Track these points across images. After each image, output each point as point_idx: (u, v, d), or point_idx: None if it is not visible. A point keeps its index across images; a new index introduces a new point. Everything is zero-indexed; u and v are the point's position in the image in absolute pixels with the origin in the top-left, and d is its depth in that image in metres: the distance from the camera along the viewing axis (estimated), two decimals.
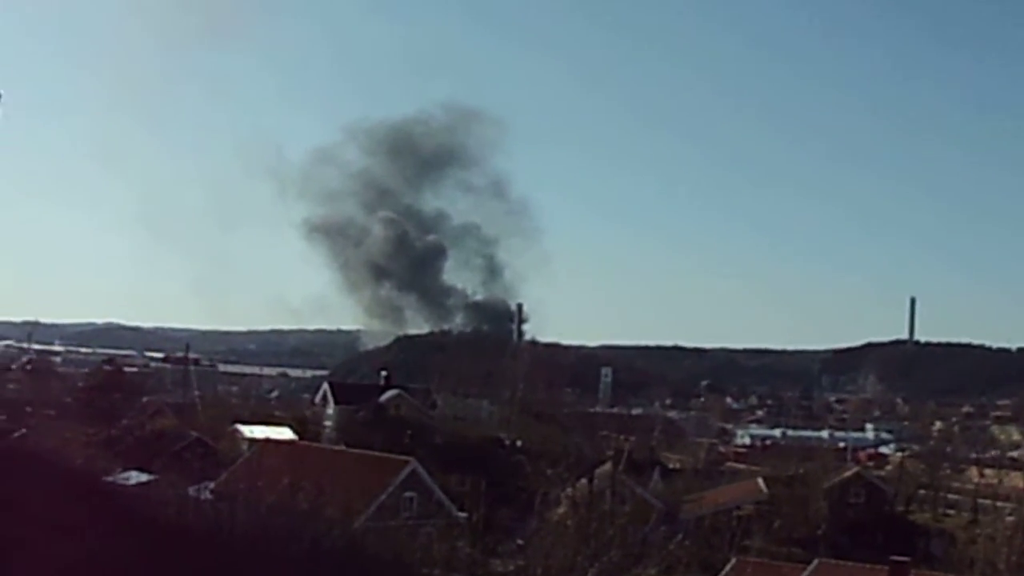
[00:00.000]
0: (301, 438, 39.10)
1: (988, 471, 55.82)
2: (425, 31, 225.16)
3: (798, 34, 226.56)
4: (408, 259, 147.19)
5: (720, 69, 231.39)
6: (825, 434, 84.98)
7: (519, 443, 48.81)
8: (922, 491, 49.67)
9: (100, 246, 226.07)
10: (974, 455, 64.58)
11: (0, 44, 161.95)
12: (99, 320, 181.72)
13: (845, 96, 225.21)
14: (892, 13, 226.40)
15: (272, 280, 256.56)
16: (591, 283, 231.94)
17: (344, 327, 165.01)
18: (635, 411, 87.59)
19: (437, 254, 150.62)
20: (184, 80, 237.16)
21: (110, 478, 13.54)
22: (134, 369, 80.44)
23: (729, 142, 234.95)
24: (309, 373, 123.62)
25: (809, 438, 78.49)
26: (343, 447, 34.84)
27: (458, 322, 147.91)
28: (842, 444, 74.28)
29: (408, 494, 26.18)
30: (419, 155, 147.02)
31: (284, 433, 39.02)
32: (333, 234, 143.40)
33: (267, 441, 31.31)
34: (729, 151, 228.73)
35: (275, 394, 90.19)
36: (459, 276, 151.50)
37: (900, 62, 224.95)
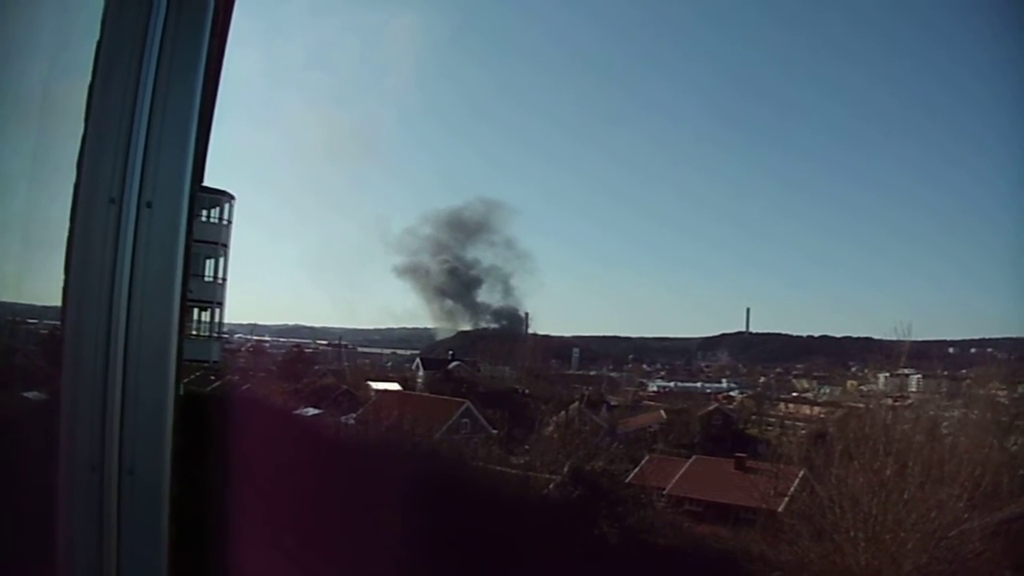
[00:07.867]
0: (404, 389, 38.90)
1: (790, 405, 55.60)
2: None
3: None
4: (458, 285, 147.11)
5: None
6: (699, 385, 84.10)
7: (527, 391, 48.54)
8: (753, 416, 49.23)
9: (287, 279, 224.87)
10: (782, 396, 64.14)
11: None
12: (291, 322, 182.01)
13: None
14: None
15: (384, 299, 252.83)
16: (567, 297, 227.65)
17: (427, 326, 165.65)
18: (591, 373, 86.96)
19: (475, 282, 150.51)
20: (334, 184, 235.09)
21: (297, 411, 13.55)
22: (310, 350, 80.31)
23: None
24: (409, 352, 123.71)
25: (690, 387, 77.90)
26: (428, 394, 34.70)
27: (489, 322, 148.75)
28: (708, 391, 73.51)
29: (464, 420, 26.04)
30: (465, 227, 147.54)
31: (394, 386, 38.79)
32: (414, 272, 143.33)
33: (385, 391, 31.17)
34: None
35: (389, 364, 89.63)
36: (489, 296, 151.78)
37: None
